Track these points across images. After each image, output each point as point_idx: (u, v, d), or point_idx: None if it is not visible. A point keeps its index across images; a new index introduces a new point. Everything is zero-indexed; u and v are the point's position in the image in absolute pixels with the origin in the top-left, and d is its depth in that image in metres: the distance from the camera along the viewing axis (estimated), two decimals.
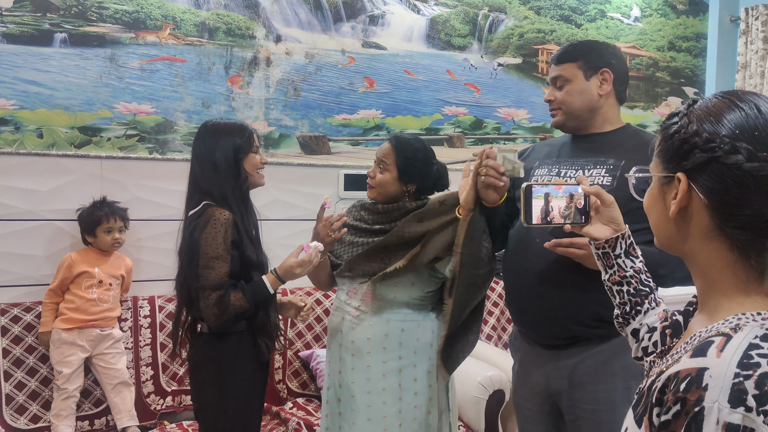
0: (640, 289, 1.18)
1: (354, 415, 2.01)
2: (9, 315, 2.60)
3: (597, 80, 1.77)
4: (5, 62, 2.72)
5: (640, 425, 0.77)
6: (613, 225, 1.21)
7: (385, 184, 2.03)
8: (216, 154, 1.91)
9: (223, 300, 1.82)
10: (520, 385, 1.90)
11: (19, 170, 2.75)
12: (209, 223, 1.83)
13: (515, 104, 3.89)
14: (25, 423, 2.50)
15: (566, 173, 1.78)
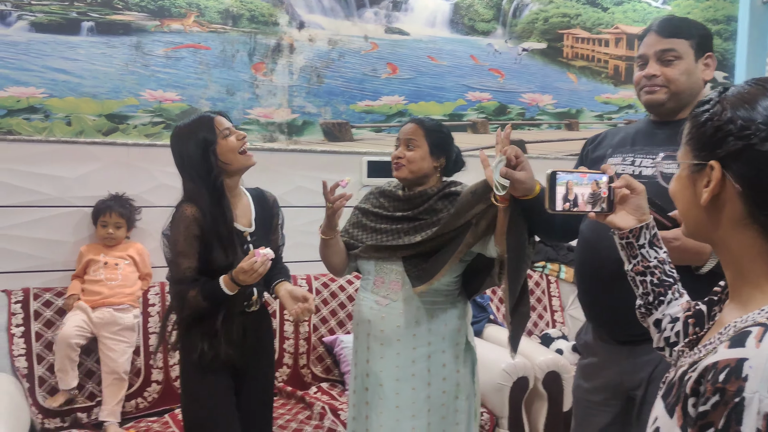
0: (664, 279, 1.17)
1: (382, 404, 2.01)
2: (41, 300, 2.66)
3: (702, 64, 1.63)
4: (34, 51, 2.76)
5: (672, 415, 0.76)
6: (638, 214, 1.19)
7: (417, 160, 2.01)
8: (185, 160, 1.89)
9: (181, 295, 1.84)
10: (587, 379, 1.81)
11: (48, 157, 2.80)
12: (173, 219, 1.87)
13: (540, 90, 3.85)
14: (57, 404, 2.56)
15: (641, 162, 1.66)
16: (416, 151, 2.01)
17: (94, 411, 2.60)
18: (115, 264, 2.72)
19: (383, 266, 2.05)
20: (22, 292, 2.67)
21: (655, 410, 0.82)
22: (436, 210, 2.00)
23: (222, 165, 1.89)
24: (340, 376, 3.00)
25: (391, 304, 2.02)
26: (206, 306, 1.84)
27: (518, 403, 2.79)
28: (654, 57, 1.64)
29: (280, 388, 2.91)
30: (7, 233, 2.74)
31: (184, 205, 1.87)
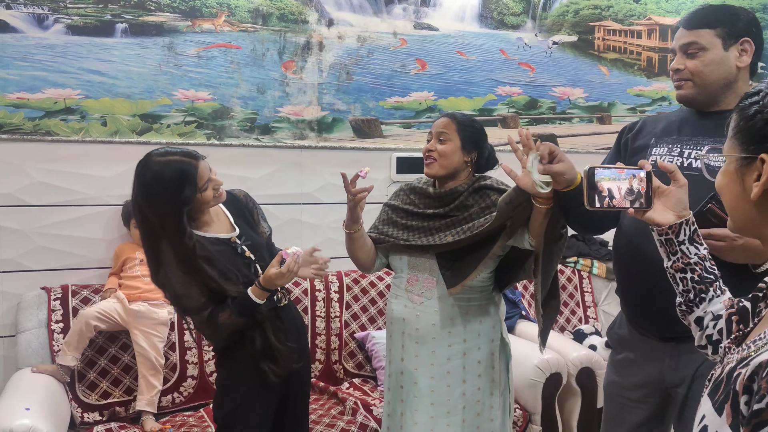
0: (705, 276, 1.14)
1: (417, 402, 2.01)
2: (79, 296, 2.72)
3: (736, 51, 1.57)
4: (71, 53, 2.82)
5: (720, 413, 0.75)
6: (677, 209, 1.16)
7: (449, 154, 1.99)
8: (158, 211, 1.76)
9: (212, 320, 1.80)
10: (623, 375, 1.78)
11: (85, 157, 2.86)
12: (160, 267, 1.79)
13: (571, 83, 3.81)
14: (96, 399, 2.62)
15: (690, 153, 1.61)
16: (448, 145, 1.99)
17: (131, 405, 2.65)
18: None
19: (416, 264, 2.03)
20: (61, 289, 2.73)
21: (702, 408, 0.80)
22: (467, 206, 1.98)
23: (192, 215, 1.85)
24: (373, 372, 3.02)
25: (426, 303, 2.01)
26: (242, 322, 1.84)
27: (551, 400, 2.77)
28: (680, 51, 1.63)
29: (313, 384, 2.93)
30: (45, 232, 2.81)
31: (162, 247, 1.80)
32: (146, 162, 1.81)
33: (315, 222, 3.25)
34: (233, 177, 3.09)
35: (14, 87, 2.74)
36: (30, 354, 2.61)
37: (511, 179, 1.67)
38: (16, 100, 2.75)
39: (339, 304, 3.09)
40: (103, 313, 2.60)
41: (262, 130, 3.16)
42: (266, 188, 3.17)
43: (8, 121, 2.74)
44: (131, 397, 2.66)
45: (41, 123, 2.79)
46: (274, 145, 3.18)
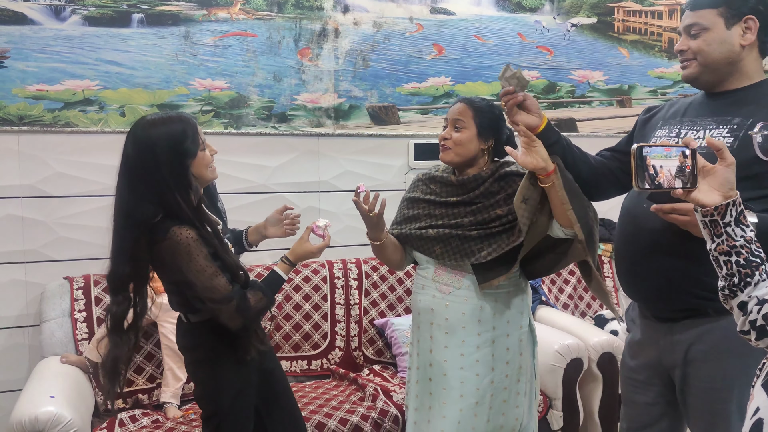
0: (751, 260, 1.10)
1: (446, 394, 1.99)
2: (101, 285, 2.75)
3: (740, 29, 1.57)
4: (88, 44, 2.84)
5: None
6: (724, 189, 1.12)
7: (465, 143, 1.95)
8: (158, 167, 1.67)
9: (242, 307, 1.74)
10: (632, 356, 1.82)
11: (104, 148, 2.88)
12: (180, 248, 1.67)
13: (590, 66, 3.75)
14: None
15: (686, 134, 1.62)
16: (463, 133, 1.95)
17: (154, 393, 2.68)
18: None
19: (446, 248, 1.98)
20: (83, 278, 2.77)
21: (756, 400, 0.77)
22: (492, 193, 1.95)
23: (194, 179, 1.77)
24: (392, 359, 3.02)
25: (455, 292, 1.98)
26: (271, 302, 1.83)
27: (572, 385, 2.75)
28: (684, 32, 1.64)
29: (333, 370, 2.94)
30: (67, 222, 2.84)
31: (179, 232, 1.67)
32: (139, 121, 1.75)
33: (333, 209, 3.25)
34: (250, 165, 3.10)
35: (33, 79, 2.76)
36: (54, 343, 2.64)
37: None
38: (36, 92, 2.77)
39: (358, 291, 3.10)
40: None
41: (279, 119, 3.15)
42: (284, 176, 3.17)
43: (28, 113, 2.76)
44: (154, 384, 2.69)
45: (60, 114, 2.81)
46: (291, 133, 3.17)
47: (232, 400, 1.85)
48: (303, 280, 3.03)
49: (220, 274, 1.71)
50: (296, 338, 2.96)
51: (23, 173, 2.77)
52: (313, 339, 2.99)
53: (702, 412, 1.63)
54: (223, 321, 1.75)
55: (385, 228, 1.98)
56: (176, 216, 1.69)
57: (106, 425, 2.45)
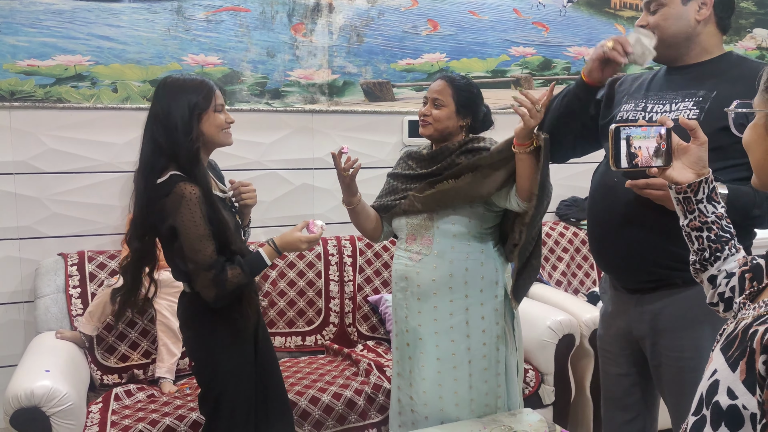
0: (721, 235, 1.14)
1: (423, 358, 2.06)
2: (95, 262, 2.76)
3: (696, 4, 1.63)
4: (79, 19, 2.81)
5: (734, 369, 0.75)
6: (697, 168, 1.14)
7: (442, 119, 2.05)
8: (173, 113, 1.77)
9: (219, 278, 1.76)
10: (604, 328, 1.88)
11: (97, 124, 2.86)
12: (182, 205, 1.72)
13: (586, 42, 3.73)
14: (114, 362, 2.67)
15: (653, 108, 1.68)
16: (442, 110, 2.05)
17: (149, 368, 2.70)
18: None
19: (413, 223, 2.09)
20: (77, 255, 2.77)
21: (714, 362, 0.80)
22: (456, 164, 2.03)
23: (200, 134, 1.81)
24: (386, 335, 3.04)
25: (424, 259, 2.06)
26: (247, 282, 1.83)
27: (564, 360, 2.78)
28: (645, 8, 1.71)
29: (327, 346, 2.97)
30: (61, 198, 2.84)
31: (186, 187, 1.74)
32: (163, 79, 1.89)
33: (327, 187, 3.24)
34: (244, 142, 3.09)
35: (24, 54, 2.74)
36: (49, 318, 2.65)
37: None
38: (27, 67, 2.75)
39: (352, 268, 3.11)
40: None
41: (273, 95, 3.14)
42: (278, 153, 3.16)
43: (20, 89, 2.74)
44: (149, 360, 2.71)
45: (52, 90, 2.79)
46: (284, 109, 3.16)
47: (229, 375, 1.87)
48: (297, 257, 3.04)
49: (209, 240, 1.75)
50: (290, 314, 2.98)
51: (16, 149, 2.76)
52: (307, 315, 3.01)
53: (673, 381, 1.67)
54: (198, 288, 1.79)
55: (358, 193, 2.10)
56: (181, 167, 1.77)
57: (101, 399, 2.47)
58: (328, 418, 2.44)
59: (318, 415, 2.43)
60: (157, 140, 1.79)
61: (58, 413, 2.09)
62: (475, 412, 2.08)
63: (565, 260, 3.47)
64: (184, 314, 1.95)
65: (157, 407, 2.40)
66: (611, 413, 1.90)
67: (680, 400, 1.65)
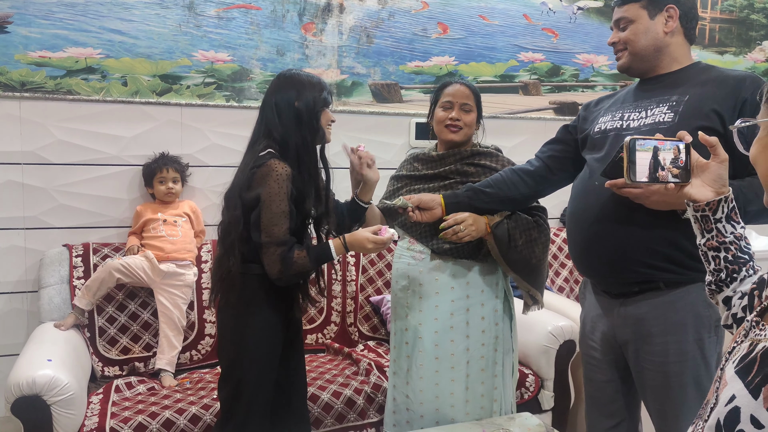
0: (739, 256, 1.10)
1: (422, 356, 2.07)
2: (100, 254, 2.77)
3: (662, 18, 1.71)
4: (91, 12, 2.82)
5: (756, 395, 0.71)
6: (716, 186, 1.11)
7: (472, 125, 2.13)
8: (297, 105, 1.88)
9: (287, 256, 1.81)
10: (586, 333, 1.89)
11: (106, 117, 2.88)
12: (271, 177, 1.79)
13: (595, 50, 3.74)
14: (116, 354, 2.68)
15: (629, 116, 1.73)
16: (471, 115, 2.11)
17: (150, 361, 2.71)
18: (174, 221, 2.80)
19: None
20: (82, 246, 2.78)
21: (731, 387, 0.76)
22: (466, 173, 2.07)
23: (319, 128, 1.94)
24: (387, 335, 3.04)
25: (427, 258, 2.07)
26: (311, 268, 1.88)
27: (564, 366, 2.78)
28: (615, 26, 1.78)
29: (328, 345, 2.97)
30: (67, 190, 2.85)
31: (278, 163, 1.81)
32: (287, 70, 1.98)
33: (332, 186, 3.24)
34: None
35: (36, 45, 2.76)
36: (52, 309, 2.67)
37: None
38: (38, 58, 2.76)
39: (355, 267, 3.12)
40: (126, 267, 2.64)
41: None
42: None
43: (30, 80, 2.76)
44: (150, 353, 2.72)
45: (63, 82, 2.81)
46: None
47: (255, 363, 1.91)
48: None
49: (286, 218, 1.81)
50: None
51: (24, 139, 2.78)
52: (309, 313, 3.01)
53: (657, 387, 1.68)
54: (265, 261, 1.83)
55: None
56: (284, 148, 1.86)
57: (102, 390, 2.48)
58: (327, 416, 2.45)
59: (317, 412, 2.43)
60: (270, 126, 1.89)
61: (58, 402, 2.10)
62: (470, 414, 2.09)
63: (568, 267, 3.47)
64: (228, 294, 1.93)
65: (157, 400, 2.41)
66: (595, 419, 1.90)
67: (664, 405, 1.66)
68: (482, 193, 1.99)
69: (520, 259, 2.04)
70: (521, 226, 2.04)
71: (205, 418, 2.29)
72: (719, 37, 3.99)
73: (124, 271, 2.63)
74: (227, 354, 1.96)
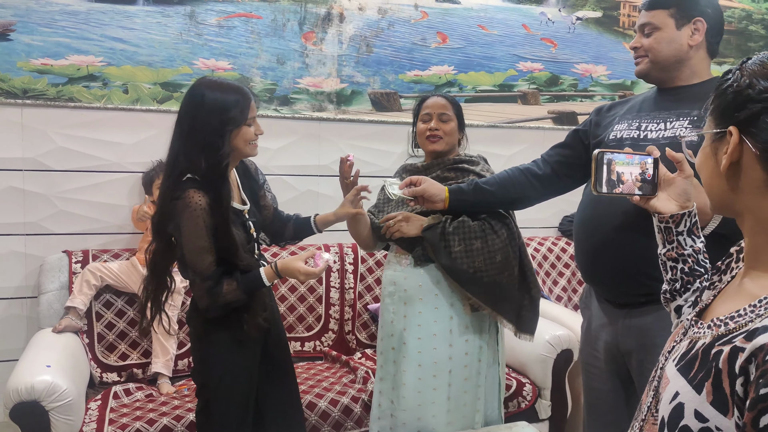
0: (695, 269, 1.16)
1: (405, 362, 2.08)
2: (99, 260, 2.78)
3: (689, 30, 1.68)
4: (93, 20, 2.85)
5: (700, 391, 0.74)
6: (681, 200, 1.17)
7: (452, 133, 2.16)
8: (200, 121, 1.74)
9: (214, 290, 1.75)
10: (588, 343, 1.88)
11: (107, 124, 2.90)
12: (186, 211, 1.71)
13: (594, 60, 3.76)
14: (114, 360, 2.69)
15: (647, 127, 1.71)
16: (449, 124, 2.15)
17: (148, 367, 2.71)
18: None
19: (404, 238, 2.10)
20: (82, 253, 2.79)
21: (673, 384, 0.79)
22: (447, 179, 2.10)
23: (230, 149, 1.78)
24: None
25: (412, 264, 2.10)
26: (243, 298, 1.79)
27: (561, 375, 2.79)
28: (639, 30, 1.75)
29: (326, 353, 2.98)
30: (68, 197, 2.87)
31: (194, 195, 1.72)
32: (201, 79, 1.85)
33: (331, 194, 3.26)
34: None
35: (38, 53, 2.78)
36: (51, 315, 2.68)
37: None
38: (41, 66, 2.79)
39: (353, 275, 3.13)
40: (105, 267, 2.69)
41: (281, 101, 3.17)
42: (284, 159, 3.19)
43: (32, 87, 2.78)
44: (148, 359, 2.73)
45: (64, 89, 2.83)
46: (292, 116, 3.19)
47: (221, 377, 1.86)
48: None
49: (209, 252, 1.74)
50: (290, 320, 3.00)
51: (26, 146, 2.80)
52: (307, 321, 3.02)
53: None
54: (194, 294, 1.81)
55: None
56: (199, 175, 1.75)
57: (100, 397, 2.49)
58: (324, 423, 2.45)
59: (314, 420, 2.44)
60: (183, 142, 1.77)
61: (57, 408, 2.11)
62: (452, 423, 2.08)
63: (566, 276, 3.48)
64: (189, 314, 1.94)
65: (155, 407, 2.42)
66: (595, 428, 1.90)
67: None
68: (489, 193, 1.98)
69: (457, 269, 2.00)
70: (462, 232, 2.01)
71: None
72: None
73: (102, 269, 2.68)
74: (195, 375, 1.96)
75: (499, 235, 2.03)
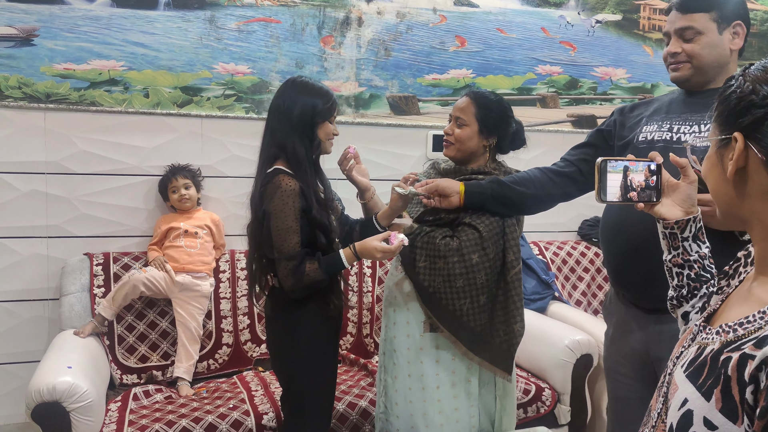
0: (702, 274, 1.15)
1: (396, 369, 2.05)
2: (120, 263, 2.81)
3: (729, 34, 1.64)
4: (115, 25, 2.88)
5: (708, 398, 0.73)
6: (686, 206, 1.16)
7: (464, 140, 2.00)
8: (294, 111, 1.90)
9: (298, 270, 1.85)
10: (614, 349, 1.82)
11: (127, 128, 2.93)
12: (277, 195, 1.84)
13: (613, 63, 3.73)
14: (134, 362, 2.71)
15: (679, 129, 1.67)
16: (464, 130, 1.99)
17: (168, 369, 2.73)
18: (195, 232, 2.84)
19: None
20: (103, 255, 2.82)
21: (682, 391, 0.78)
22: None
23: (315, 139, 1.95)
24: None
25: (404, 272, 2.04)
26: (324, 279, 1.89)
27: (581, 381, 2.76)
28: (675, 34, 1.68)
29: (344, 356, 2.98)
30: (89, 200, 2.90)
31: (284, 179, 1.85)
32: (293, 78, 2.00)
33: (348, 196, 3.25)
34: None
35: (61, 58, 2.82)
36: (73, 316, 2.70)
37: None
38: (63, 70, 2.82)
39: (371, 279, 3.13)
40: (151, 281, 2.68)
41: None
42: None
43: (55, 91, 2.82)
44: (168, 362, 2.74)
45: (86, 93, 2.86)
46: None
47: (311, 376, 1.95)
48: None
49: (295, 233, 1.85)
50: None
51: (49, 150, 2.83)
52: None
53: None
54: (279, 276, 1.89)
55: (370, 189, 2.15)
56: (293, 162, 1.90)
57: (120, 398, 2.51)
58: (342, 427, 2.45)
59: (333, 423, 2.43)
60: (274, 133, 1.93)
61: (78, 409, 2.13)
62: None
63: (585, 280, 3.46)
64: (272, 309, 2.01)
65: (174, 408, 2.43)
66: None
67: None
68: (508, 188, 1.91)
69: (419, 284, 1.95)
70: (427, 248, 1.96)
71: (221, 427, 2.30)
72: None
73: (148, 284, 2.68)
74: (282, 372, 2.03)
75: (465, 259, 1.90)
